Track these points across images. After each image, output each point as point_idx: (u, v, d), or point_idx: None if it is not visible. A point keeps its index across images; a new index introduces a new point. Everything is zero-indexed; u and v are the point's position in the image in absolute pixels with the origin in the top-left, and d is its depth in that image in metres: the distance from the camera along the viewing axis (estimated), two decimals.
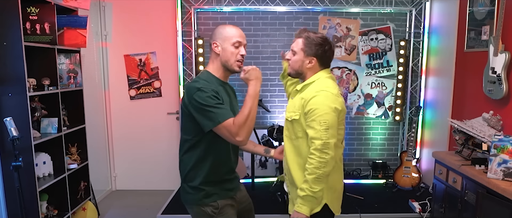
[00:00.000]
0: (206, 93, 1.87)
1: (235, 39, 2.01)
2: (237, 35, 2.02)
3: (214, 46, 2.02)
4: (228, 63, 2.02)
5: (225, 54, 2.01)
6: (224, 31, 2.02)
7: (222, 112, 1.86)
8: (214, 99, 1.88)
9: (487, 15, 3.44)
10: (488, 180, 2.58)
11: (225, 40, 2.01)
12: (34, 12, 3.01)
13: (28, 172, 2.88)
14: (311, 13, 4.80)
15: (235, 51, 2.01)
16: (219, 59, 2.03)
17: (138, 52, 4.79)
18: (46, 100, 3.27)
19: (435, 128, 4.59)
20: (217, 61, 2.04)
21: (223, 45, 2.01)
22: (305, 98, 2.00)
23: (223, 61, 2.03)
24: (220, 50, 2.01)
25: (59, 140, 3.31)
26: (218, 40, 2.01)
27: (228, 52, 2.01)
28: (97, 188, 4.34)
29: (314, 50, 2.08)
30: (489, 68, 3.17)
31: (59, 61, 3.35)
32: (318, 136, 1.92)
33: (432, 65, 4.69)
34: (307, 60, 2.09)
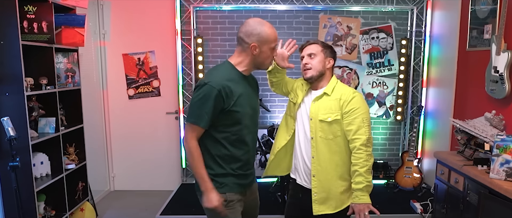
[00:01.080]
0: (211, 90, 1.89)
1: (274, 43, 2.04)
2: (276, 37, 2.05)
3: (253, 49, 1.99)
4: (262, 65, 2.07)
5: (261, 57, 2.03)
6: (264, 33, 1.99)
7: (200, 117, 1.92)
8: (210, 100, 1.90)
9: (489, 13, 3.44)
10: (490, 180, 2.58)
11: (264, 43, 2.00)
12: (31, 11, 3.01)
13: (25, 172, 2.88)
14: (312, 11, 4.80)
15: (272, 53, 2.07)
16: (253, 59, 2.03)
17: (137, 51, 4.78)
18: (43, 100, 3.27)
19: (437, 127, 4.59)
20: (249, 59, 2.04)
21: (262, 48, 2.00)
22: (345, 100, 2.18)
23: (258, 63, 2.05)
24: (258, 52, 2.00)
25: (56, 140, 3.31)
26: (257, 42, 1.98)
27: (265, 54, 2.03)
28: (95, 188, 4.33)
29: (330, 51, 2.32)
30: (492, 68, 3.17)
31: (57, 60, 3.34)
32: (363, 132, 2.12)
33: (433, 64, 4.69)
34: (327, 61, 2.30)
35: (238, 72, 2.03)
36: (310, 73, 2.27)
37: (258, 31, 1.98)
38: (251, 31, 1.98)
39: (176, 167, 4.98)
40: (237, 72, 2.03)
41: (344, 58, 4.89)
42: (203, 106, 1.90)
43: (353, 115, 2.15)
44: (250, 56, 2.02)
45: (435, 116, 4.65)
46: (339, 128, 2.18)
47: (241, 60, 2.04)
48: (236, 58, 2.05)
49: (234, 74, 2.01)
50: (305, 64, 2.30)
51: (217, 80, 1.91)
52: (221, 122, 1.98)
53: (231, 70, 2.02)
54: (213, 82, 1.90)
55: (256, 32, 1.98)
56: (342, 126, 2.18)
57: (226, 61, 2.07)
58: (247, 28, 2.00)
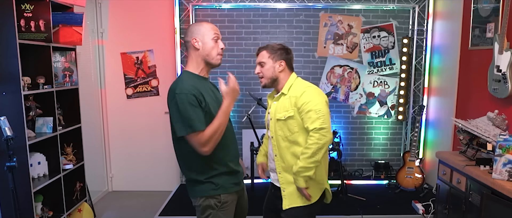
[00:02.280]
0: (186, 96, 1.95)
1: (213, 32, 2.11)
2: (214, 29, 2.12)
3: (194, 42, 2.09)
4: (209, 57, 2.11)
5: (206, 48, 2.10)
6: (201, 27, 2.11)
7: (193, 124, 1.95)
8: (191, 105, 1.95)
9: (492, 12, 3.44)
10: (493, 181, 2.58)
11: (204, 35, 2.09)
12: (28, 9, 3.01)
13: (22, 172, 2.88)
14: (312, 10, 4.80)
15: (215, 45, 2.11)
16: (199, 54, 2.11)
17: (135, 50, 4.78)
18: (41, 99, 3.27)
19: (439, 127, 4.59)
20: (197, 57, 2.12)
21: (203, 40, 2.09)
22: (296, 95, 2.25)
23: (205, 56, 2.11)
24: (200, 45, 2.09)
25: (54, 140, 3.31)
26: (197, 36, 2.09)
27: (208, 46, 2.10)
28: (93, 189, 4.33)
29: (279, 54, 2.34)
30: (494, 67, 3.17)
31: (54, 59, 3.34)
32: (315, 121, 2.17)
33: (436, 63, 4.69)
34: (277, 65, 2.34)
35: (197, 76, 2.11)
36: (263, 82, 2.37)
37: (196, 27, 2.12)
38: (189, 30, 2.13)
39: (175, 167, 4.97)
40: (196, 76, 2.11)
41: (345, 57, 4.89)
42: (188, 113, 1.95)
43: (307, 108, 2.19)
44: (197, 53, 2.11)
45: (437, 116, 4.65)
46: (296, 124, 2.25)
47: (193, 63, 2.13)
48: (190, 64, 2.14)
49: (194, 78, 2.09)
50: (258, 74, 2.38)
51: (184, 87, 1.98)
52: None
53: (191, 76, 2.10)
54: (183, 91, 1.96)
55: (195, 29, 2.11)
56: (298, 122, 2.24)
57: (183, 71, 2.15)
58: (186, 30, 2.16)
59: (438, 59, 4.64)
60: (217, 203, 2.09)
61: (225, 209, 2.13)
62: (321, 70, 4.93)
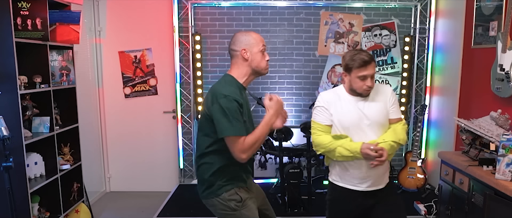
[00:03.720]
0: (232, 102, 2.04)
1: (262, 44, 2.20)
2: (262, 40, 2.22)
3: (243, 53, 2.16)
4: (259, 68, 2.19)
5: (255, 59, 2.17)
6: (250, 38, 2.19)
7: (239, 127, 2.04)
8: (237, 111, 2.05)
9: (495, 10, 3.44)
10: (496, 181, 2.58)
11: (253, 46, 2.17)
12: (25, 7, 3.01)
13: (19, 173, 2.88)
14: (313, 8, 4.80)
15: (263, 57, 2.20)
16: (248, 64, 2.18)
17: (133, 49, 4.78)
18: (37, 99, 3.26)
19: (441, 127, 4.59)
20: (245, 67, 2.19)
21: (252, 50, 2.17)
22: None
23: (254, 66, 2.18)
24: (249, 55, 2.16)
25: (51, 140, 3.31)
26: (246, 46, 2.16)
27: (258, 57, 2.18)
28: (91, 189, 4.33)
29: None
30: (497, 65, 3.17)
31: (51, 58, 3.34)
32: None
33: (438, 62, 4.69)
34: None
35: (240, 85, 2.19)
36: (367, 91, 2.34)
37: (244, 38, 2.19)
38: (237, 39, 2.20)
39: (174, 168, 4.97)
40: (239, 84, 2.19)
41: None
42: (233, 117, 2.04)
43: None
44: (245, 63, 2.18)
45: (440, 116, 4.65)
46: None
47: (239, 71, 2.20)
48: (235, 70, 2.21)
49: (238, 86, 2.17)
50: (370, 88, 2.31)
51: (232, 92, 2.08)
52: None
53: (234, 83, 2.18)
54: (233, 94, 2.07)
55: (243, 39, 2.18)
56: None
57: (227, 75, 2.21)
58: (234, 38, 2.22)
59: (440, 58, 4.64)
60: (237, 204, 2.19)
61: (247, 206, 2.21)
62: (322, 69, 4.93)
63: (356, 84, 2.28)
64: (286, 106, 4.94)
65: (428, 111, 4.77)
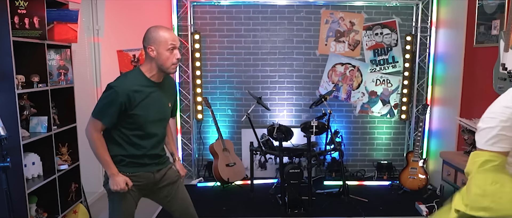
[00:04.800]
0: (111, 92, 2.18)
1: (169, 43, 2.19)
2: (170, 39, 2.20)
3: (150, 51, 2.20)
4: (163, 67, 2.23)
5: (160, 58, 2.21)
6: (158, 36, 2.19)
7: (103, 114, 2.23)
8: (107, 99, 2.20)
9: (497, 8, 3.44)
10: None
11: (159, 45, 2.19)
12: (22, 6, 3.00)
13: (16, 173, 2.87)
14: (313, 6, 4.80)
15: (171, 55, 2.21)
16: (155, 62, 2.23)
17: (132, 48, 4.78)
18: (35, 98, 3.26)
19: (443, 127, 4.59)
20: (153, 64, 2.25)
21: (159, 49, 2.19)
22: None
23: (159, 65, 2.23)
24: (155, 54, 2.20)
25: (49, 140, 3.30)
26: (153, 45, 2.19)
27: (163, 56, 2.20)
28: (89, 190, 4.33)
29: None
30: (500, 65, 3.17)
31: (49, 57, 3.34)
32: None
33: (440, 61, 4.69)
34: None
35: (145, 78, 2.26)
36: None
37: (152, 35, 2.20)
38: (147, 36, 2.23)
39: None
40: (144, 78, 2.25)
41: (346, 55, 4.89)
42: (107, 107, 2.20)
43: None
44: (153, 61, 2.23)
45: (441, 115, 4.65)
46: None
47: (148, 66, 2.26)
48: (144, 65, 2.28)
49: (140, 80, 2.24)
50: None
51: (123, 86, 2.18)
52: (122, 123, 2.26)
53: (138, 76, 2.26)
54: (119, 88, 2.17)
55: (151, 36, 2.20)
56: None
57: (136, 68, 2.31)
58: (145, 34, 2.24)
59: (442, 57, 4.64)
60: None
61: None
62: (322, 68, 4.93)
63: None
64: (286, 106, 4.97)
65: (429, 110, 4.77)
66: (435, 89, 4.78)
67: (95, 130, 2.28)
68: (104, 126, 2.26)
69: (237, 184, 4.74)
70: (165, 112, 2.41)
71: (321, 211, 4.04)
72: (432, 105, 4.81)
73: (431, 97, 4.82)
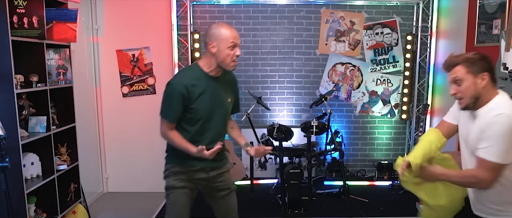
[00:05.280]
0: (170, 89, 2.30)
1: (231, 41, 2.26)
2: (232, 36, 2.27)
3: (211, 47, 2.27)
4: (223, 64, 2.29)
5: (221, 55, 2.27)
6: (219, 33, 2.26)
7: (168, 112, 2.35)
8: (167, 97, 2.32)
9: (498, 8, 3.44)
10: None
11: (221, 42, 2.25)
12: (21, 5, 3.00)
13: (15, 173, 2.87)
14: (313, 6, 4.80)
15: (231, 52, 2.27)
16: (215, 59, 2.29)
17: (131, 47, 4.78)
18: (34, 98, 3.26)
19: None
20: (212, 60, 2.31)
21: (219, 46, 2.26)
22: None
23: (219, 62, 2.29)
24: (216, 50, 2.26)
25: (48, 140, 3.31)
26: (214, 41, 2.26)
27: (224, 53, 2.26)
28: (88, 190, 4.33)
29: (481, 65, 1.90)
30: (501, 64, 3.17)
31: (48, 57, 3.34)
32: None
33: (440, 61, 4.69)
34: (479, 79, 1.90)
35: (203, 73, 2.33)
36: (463, 104, 1.97)
37: (214, 32, 2.28)
38: (209, 32, 2.30)
39: None
40: (202, 73, 2.33)
41: (347, 54, 4.89)
42: (170, 104, 2.32)
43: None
44: (213, 57, 2.29)
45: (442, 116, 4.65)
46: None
47: (206, 61, 2.34)
48: (203, 60, 2.37)
49: (198, 74, 2.32)
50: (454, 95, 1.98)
51: (179, 80, 2.30)
52: (183, 118, 2.35)
53: (196, 71, 2.34)
54: (175, 83, 2.30)
55: (213, 33, 2.28)
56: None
57: (194, 63, 2.40)
58: (208, 31, 2.32)
59: (443, 57, 4.64)
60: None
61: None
62: (323, 68, 4.93)
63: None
64: (286, 106, 4.97)
65: (430, 110, 4.77)
66: (435, 89, 4.78)
67: (166, 128, 2.39)
68: (170, 123, 2.36)
69: (237, 184, 4.74)
70: (224, 107, 2.44)
71: (321, 211, 4.05)
72: (432, 105, 4.81)
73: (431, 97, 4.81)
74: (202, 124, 2.37)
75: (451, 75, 1.94)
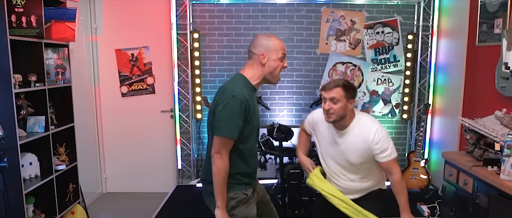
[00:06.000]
0: (239, 103, 2.10)
1: (281, 52, 2.23)
2: (283, 47, 2.25)
3: (261, 58, 2.20)
4: (272, 75, 2.25)
5: (271, 66, 2.22)
6: (271, 44, 2.21)
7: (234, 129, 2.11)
8: (240, 114, 2.11)
9: (500, 7, 3.44)
10: (501, 182, 2.58)
11: (272, 52, 2.21)
12: (20, 4, 3.00)
13: (13, 173, 2.87)
14: (314, 5, 4.80)
15: (281, 64, 2.24)
16: (263, 70, 2.23)
17: (130, 47, 4.78)
18: (32, 98, 3.26)
19: (445, 126, 4.60)
20: (260, 71, 2.24)
21: (271, 57, 2.21)
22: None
23: (267, 73, 2.23)
24: (266, 61, 2.21)
25: (46, 140, 3.31)
26: (265, 52, 2.20)
27: (274, 64, 2.22)
28: (87, 190, 4.33)
29: (353, 93, 2.45)
30: (502, 64, 3.17)
31: (47, 56, 3.34)
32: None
33: (442, 60, 4.69)
34: (349, 103, 2.43)
35: (251, 86, 2.24)
36: (332, 118, 2.44)
37: (265, 42, 2.21)
38: (258, 42, 2.22)
39: (172, 168, 4.98)
40: (251, 85, 2.24)
41: (347, 54, 4.89)
42: (233, 119, 2.11)
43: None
44: (260, 67, 2.23)
45: (443, 115, 4.65)
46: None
47: (253, 73, 2.25)
48: (248, 71, 2.26)
49: (249, 87, 2.22)
50: (328, 110, 2.43)
51: (242, 93, 2.13)
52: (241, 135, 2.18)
53: (246, 83, 2.23)
54: (240, 95, 2.11)
55: (264, 43, 2.21)
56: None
57: (239, 75, 2.26)
58: (255, 41, 2.24)
59: (444, 56, 4.64)
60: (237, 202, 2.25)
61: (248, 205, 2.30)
62: (323, 67, 4.93)
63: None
64: (286, 105, 4.97)
65: (431, 110, 4.77)
66: (436, 89, 4.78)
67: (227, 152, 2.15)
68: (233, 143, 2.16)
69: None
70: (259, 121, 2.37)
71: None
72: (433, 105, 4.81)
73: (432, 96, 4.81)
74: (252, 141, 2.28)
75: (330, 94, 2.39)
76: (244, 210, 2.26)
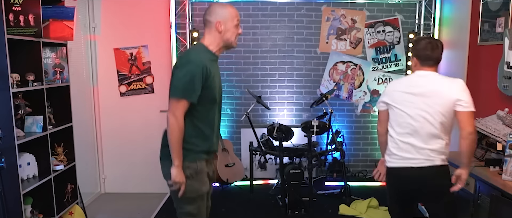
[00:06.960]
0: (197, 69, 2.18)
1: (236, 19, 2.35)
2: (237, 15, 2.36)
3: (218, 25, 2.29)
4: (229, 41, 2.34)
5: (227, 33, 2.32)
6: (226, 11, 2.33)
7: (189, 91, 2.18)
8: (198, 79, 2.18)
9: (502, 6, 3.44)
10: (503, 182, 2.58)
11: (228, 20, 2.31)
12: (17, 3, 3.00)
13: (11, 173, 2.87)
14: (314, 4, 4.80)
15: (236, 30, 2.35)
16: (221, 36, 2.32)
17: (129, 46, 4.77)
18: (30, 97, 3.26)
19: None
20: (218, 38, 2.33)
21: (227, 25, 2.31)
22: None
23: (225, 39, 2.33)
24: (223, 29, 2.30)
25: (44, 140, 3.30)
26: (221, 19, 2.30)
27: (230, 31, 2.32)
28: (85, 191, 4.33)
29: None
30: (504, 63, 3.17)
31: (44, 55, 3.33)
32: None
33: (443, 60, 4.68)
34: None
35: (211, 53, 2.33)
36: None
37: (221, 10, 2.33)
38: (214, 10, 2.33)
39: None
40: (210, 52, 2.33)
41: (348, 53, 4.89)
42: (191, 83, 2.19)
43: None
44: (218, 35, 2.32)
45: None
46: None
47: (211, 40, 2.34)
48: (208, 39, 2.35)
49: (208, 54, 2.31)
50: None
51: (200, 58, 2.24)
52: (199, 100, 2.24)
53: (205, 50, 2.32)
54: (198, 60, 2.22)
55: (220, 11, 2.32)
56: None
57: (199, 43, 2.39)
58: (210, 9, 2.35)
59: (445, 55, 4.63)
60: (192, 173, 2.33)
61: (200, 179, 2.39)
62: (323, 66, 4.93)
63: None
64: (286, 105, 4.97)
65: None
66: None
67: (182, 113, 2.22)
68: (188, 105, 2.22)
69: (236, 185, 4.74)
70: (221, 92, 2.47)
71: (322, 212, 4.05)
72: None
73: None
74: (212, 109, 2.35)
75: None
76: (195, 184, 2.35)
